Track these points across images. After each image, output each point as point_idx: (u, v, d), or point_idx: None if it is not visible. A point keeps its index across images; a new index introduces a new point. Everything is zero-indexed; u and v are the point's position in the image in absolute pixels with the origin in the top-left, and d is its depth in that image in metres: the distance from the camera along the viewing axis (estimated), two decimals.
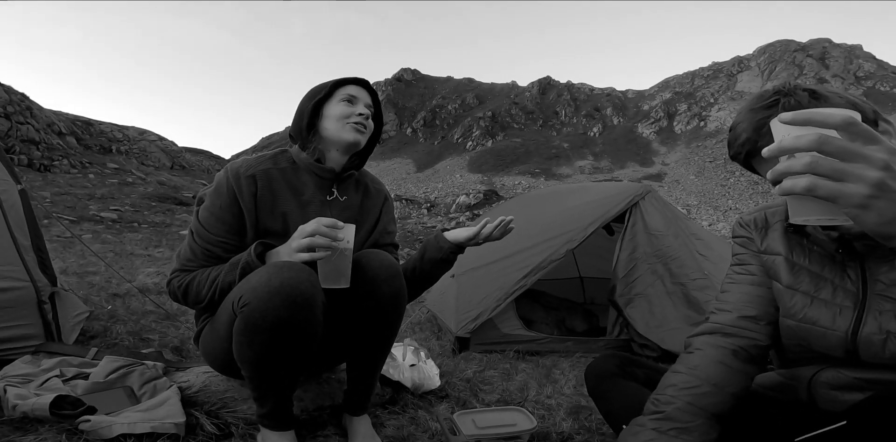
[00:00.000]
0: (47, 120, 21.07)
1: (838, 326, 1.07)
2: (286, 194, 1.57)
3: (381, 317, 1.53)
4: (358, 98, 1.65)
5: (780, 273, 1.18)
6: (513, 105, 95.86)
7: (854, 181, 0.64)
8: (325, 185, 1.65)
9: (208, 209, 1.52)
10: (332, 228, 1.33)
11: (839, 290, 1.09)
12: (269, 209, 1.53)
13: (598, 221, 3.58)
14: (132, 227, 11.87)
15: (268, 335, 1.29)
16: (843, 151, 0.64)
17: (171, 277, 1.53)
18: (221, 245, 1.50)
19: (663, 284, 3.38)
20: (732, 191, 52.62)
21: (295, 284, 1.28)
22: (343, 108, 1.61)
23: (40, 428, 1.44)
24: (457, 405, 2.07)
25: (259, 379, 1.40)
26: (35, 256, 2.11)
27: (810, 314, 1.11)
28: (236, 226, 1.50)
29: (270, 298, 1.26)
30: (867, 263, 1.07)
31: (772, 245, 1.23)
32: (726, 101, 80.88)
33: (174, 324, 2.93)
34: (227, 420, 1.63)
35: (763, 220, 1.28)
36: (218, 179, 1.55)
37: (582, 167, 70.94)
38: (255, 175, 1.54)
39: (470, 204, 33.37)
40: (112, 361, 1.80)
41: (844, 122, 0.65)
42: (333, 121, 1.60)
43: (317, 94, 1.62)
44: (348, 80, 1.67)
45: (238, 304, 1.31)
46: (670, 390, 1.16)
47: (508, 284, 3.31)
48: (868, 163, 0.64)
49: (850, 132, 0.65)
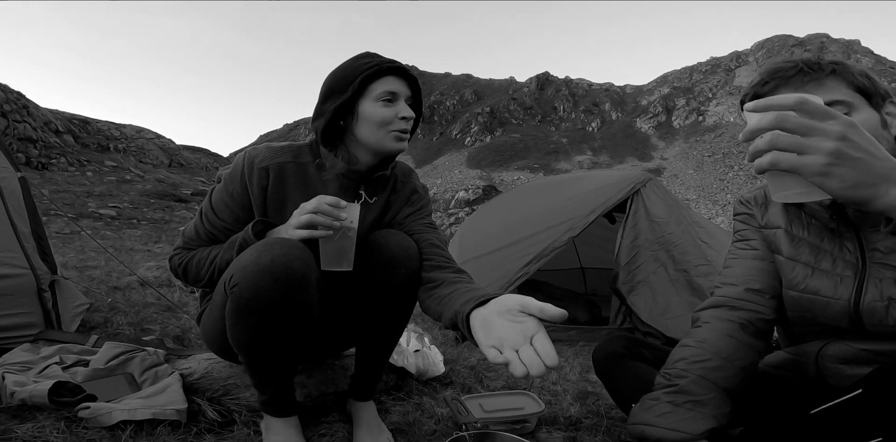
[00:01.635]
0: (44, 118, 20.99)
1: (840, 294, 1.09)
2: (300, 192, 1.43)
3: (397, 299, 1.45)
4: (398, 94, 1.40)
5: (781, 245, 1.21)
6: (511, 101, 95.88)
7: (813, 152, 0.70)
8: (352, 186, 1.49)
9: (220, 193, 1.44)
10: (334, 206, 1.27)
11: (839, 260, 1.12)
12: (278, 206, 1.43)
13: (600, 208, 3.56)
14: (131, 223, 11.86)
15: (259, 317, 1.23)
16: (800, 127, 0.71)
17: (174, 254, 1.50)
18: (226, 231, 1.44)
19: (666, 271, 3.37)
20: (731, 185, 52.69)
21: (286, 261, 1.20)
22: (383, 111, 1.38)
23: (39, 415, 1.41)
24: (462, 391, 2.05)
25: (256, 364, 1.36)
26: (35, 243, 2.09)
27: (812, 284, 1.14)
28: (244, 217, 1.43)
29: (261, 276, 1.19)
30: (862, 232, 1.09)
31: (772, 219, 1.26)
32: (724, 96, 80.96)
33: (175, 315, 2.91)
34: (229, 407, 1.61)
35: (763, 196, 1.31)
36: (235, 163, 1.45)
37: (581, 162, 71.00)
38: (269, 168, 1.41)
39: (469, 199, 33.32)
40: (113, 347, 1.78)
41: (797, 103, 0.72)
42: (372, 127, 1.39)
43: (344, 89, 1.38)
44: (383, 69, 1.39)
45: (229, 284, 1.24)
46: (681, 364, 1.17)
47: (511, 272, 3.30)
48: (824, 135, 0.70)
49: (804, 111, 0.72)
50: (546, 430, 1.73)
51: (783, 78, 1.10)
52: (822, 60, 1.09)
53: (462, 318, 1.05)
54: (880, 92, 1.07)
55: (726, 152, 61.27)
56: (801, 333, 1.25)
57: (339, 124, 1.42)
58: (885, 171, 0.71)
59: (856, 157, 0.70)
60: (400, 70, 1.41)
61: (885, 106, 1.07)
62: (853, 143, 0.70)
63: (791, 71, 1.09)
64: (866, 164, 0.70)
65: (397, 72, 1.41)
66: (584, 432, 1.69)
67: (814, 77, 1.07)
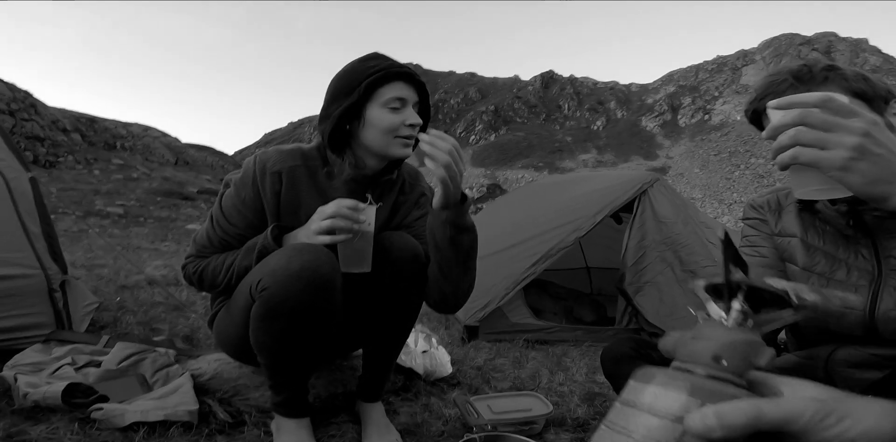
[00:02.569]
0: (52, 117, 21.12)
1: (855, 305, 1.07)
2: (312, 197, 1.44)
3: (405, 300, 1.48)
4: (407, 100, 1.39)
5: (796, 255, 1.19)
6: (516, 99, 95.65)
7: (834, 147, 0.70)
8: (360, 190, 1.47)
9: (232, 199, 1.45)
10: (353, 209, 1.29)
11: (853, 269, 1.10)
12: (291, 210, 1.44)
13: (607, 208, 3.55)
14: (138, 221, 11.93)
15: (287, 320, 1.27)
16: (823, 123, 0.71)
17: (187, 262, 1.50)
18: (239, 237, 1.45)
19: (673, 271, 3.36)
20: (737, 184, 52.43)
21: (315, 267, 1.24)
22: (390, 117, 1.37)
23: (52, 417, 1.43)
24: (469, 392, 2.05)
25: (276, 366, 1.38)
26: (45, 243, 2.09)
27: None
28: (257, 222, 1.44)
29: (291, 281, 1.22)
30: (878, 239, 1.08)
31: (787, 227, 1.23)
32: (731, 95, 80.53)
33: (184, 314, 2.93)
34: (239, 408, 1.62)
35: (776, 202, 1.28)
36: (245, 168, 1.45)
37: (585, 161, 70.80)
38: (282, 172, 1.42)
39: (474, 198, 33.36)
40: (124, 347, 1.79)
41: (822, 100, 0.72)
42: (378, 133, 1.38)
43: (350, 92, 1.36)
44: (391, 73, 1.37)
45: (257, 288, 1.27)
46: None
47: (517, 273, 3.29)
48: (847, 131, 0.70)
49: (828, 108, 0.71)
50: (554, 431, 1.73)
51: (775, 93, 1.09)
52: (815, 67, 1.07)
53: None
54: (880, 94, 1.05)
55: (732, 151, 61.03)
56: (811, 341, 1.23)
57: (345, 128, 1.41)
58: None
59: (877, 153, 0.70)
60: (408, 75, 1.40)
61: (891, 107, 1.05)
62: (875, 139, 0.70)
63: (783, 85, 1.08)
64: (887, 160, 0.70)
65: (405, 77, 1.39)
66: (591, 434, 1.69)
67: (807, 89, 1.05)
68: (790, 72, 1.08)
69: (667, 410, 0.36)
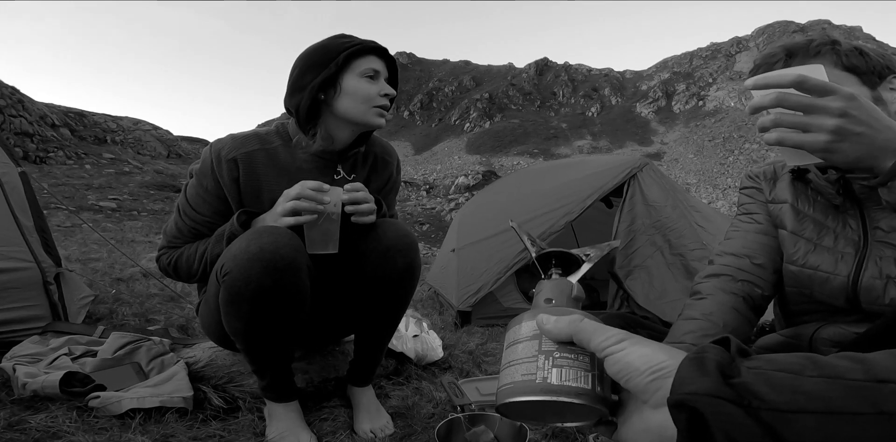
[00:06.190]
0: (39, 112, 20.88)
1: (840, 270, 1.09)
2: (276, 178, 1.44)
3: (395, 288, 1.48)
4: (380, 73, 1.46)
5: (786, 220, 1.21)
6: (510, 86, 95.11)
7: (815, 130, 0.73)
8: (329, 165, 1.52)
9: (195, 188, 1.46)
10: (317, 190, 1.29)
11: (840, 237, 1.12)
12: (254, 194, 1.44)
13: (597, 192, 3.58)
14: (132, 215, 11.89)
15: (252, 303, 1.25)
16: (800, 105, 0.74)
17: (160, 254, 1.51)
18: (208, 224, 1.46)
19: (662, 255, 3.39)
20: (731, 169, 52.50)
21: (274, 248, 1.22)
22: (367, 87, 1.43)
23: (51, 406, 1.45)
24: (460, 376, 2.09)
25: (252, 350, 1.38)
26: (38, 236, 2.11)
27: (812, 260, 1.14)
28: (222, 208, 1.45)
29: (251, 264, 1.21)
30: (866, 210, 1.09)
31: (779, 194, 1.26)
32: (725, 81, 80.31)
33: (179, 304, 2.95)
34: (233, 394, 1.65)
35: (772, 172, 1.31)
36: (203, 157, 1.46)
37: (580, 147, 70.66)
38: (237, 159, 1.42)
39: (469, 185, 33.29)
40: (119, 337, 1.81)
41: (795, 82, 0.74)
42: (355, 101, 1.42)
43: (326, 63, 1.40)
44: (366, 47, 1.44)
45: (220, 273, 1.27)
46: (689, 338, 1.13)
47: (508, 258, 3.33)
48: (825, 113, 0.72)
49: (803, 88, 0.74)
50: None
51: (767, 65, 1.10)
52: (813, 41, 1.08)
53: None
54: (875, 69, 1.04)
55: (726, 137, 60.99)
56: (797, 312, 1.25)
57: (318, 98, 1.44)
58: (886, 142, 0.74)
59: (857, 132, 0.72)
60: (381, 50, 1.48)
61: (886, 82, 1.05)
62: (854, 118, 0.72)
63: (774, 58, 1.10)
64: (868, 137, 0.73)
65: (378, 52, 1.47)
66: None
67: (798, 63, 1.06)
68: (784, 46, 1.11)
69: (528, 333, 0.52)
